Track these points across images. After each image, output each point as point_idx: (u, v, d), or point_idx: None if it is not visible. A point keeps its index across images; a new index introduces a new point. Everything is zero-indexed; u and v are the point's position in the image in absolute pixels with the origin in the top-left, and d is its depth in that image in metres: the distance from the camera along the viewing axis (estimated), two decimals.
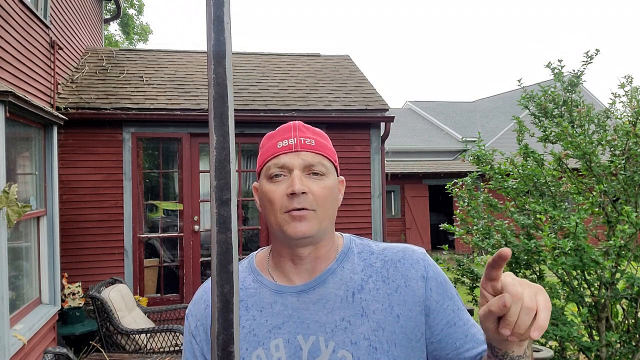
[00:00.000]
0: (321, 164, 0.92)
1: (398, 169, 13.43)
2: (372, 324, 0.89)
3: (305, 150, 0.92)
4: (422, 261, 0.95)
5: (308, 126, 0.98)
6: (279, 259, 0.97)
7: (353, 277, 0.94)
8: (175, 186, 6.43)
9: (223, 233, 0.50)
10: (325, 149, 0.95)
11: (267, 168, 0.93)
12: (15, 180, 3.97)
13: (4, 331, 3.28)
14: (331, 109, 6.27)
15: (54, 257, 4.56)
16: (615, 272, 3.30)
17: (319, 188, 0.90)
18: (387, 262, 0.95)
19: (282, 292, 0.94)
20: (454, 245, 12.46)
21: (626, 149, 3.63)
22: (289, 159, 0.91)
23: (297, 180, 0.88)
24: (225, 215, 0.50)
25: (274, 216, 0.90)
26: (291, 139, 0.93)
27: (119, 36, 18.13)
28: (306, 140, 0.93)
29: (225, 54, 0.49)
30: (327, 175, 0.93)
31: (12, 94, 3.49)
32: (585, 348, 3.27)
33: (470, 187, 4.33)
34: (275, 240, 0.96)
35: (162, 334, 4.37)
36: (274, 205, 0.90)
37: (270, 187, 0.91)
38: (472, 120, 19.93)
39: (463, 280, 4.14)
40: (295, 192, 0.87)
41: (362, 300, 0.91)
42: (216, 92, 0.49)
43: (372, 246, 0.99)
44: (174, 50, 7.70)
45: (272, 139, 0.96)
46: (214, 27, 0.49)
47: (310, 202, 0.89)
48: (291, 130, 0.95)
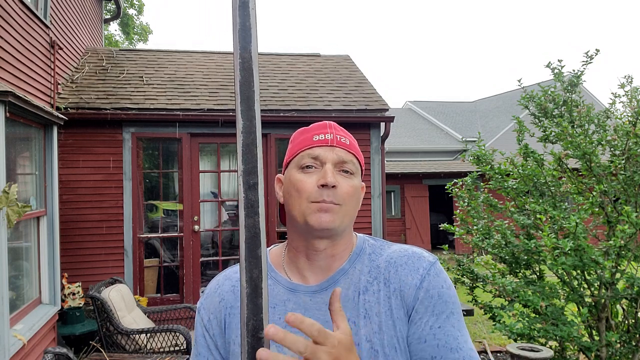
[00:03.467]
0: (352, 163, 0.94)
1: (398, 169, 13.42)
2: (374, 327, 0.89)
3: (340, 147, 0.93)
4: (423, 270, 0.92)
5: (341, 127, 1.00)
6: (294, 254, 0.97)
7: (361, 278, 0.94)
8: (175, 186, 6.43)
9: (251, 217, 0.49)
10: (356, 150, 0.97)
11: (299, 157, 0.94)
12: (15, 180, 3.97)
13: (4, 331, 3.28)
14: (331, 109, 6.27)
15: (54, 257, 4.56)
16: (615, 272, 3.30)
17: (348, 185, 0.91)
18: (390, 265, 0.94)
19: (296, 291, 0.94)
20: (454, 245, 12.46)
21: (626, 149, 3.63)
22: (324, 151, 0.92)
23: (329, 173, 0.89)
24: (253, 200, 0.49)
25: (299, 205, 0.90)
26: (328, 134, 0.94)
27: (119, 36, 18.13)
28: (342, 138, 0.95)
29: (251, 40, 0.49)
30: (355, 175, 0.94)
31: (12, 94, 3.49)
32: (585, 348, 3.27)
33: (470, 187, 4.33)
34: (293, 232, 0.96)
35: (162, 334, 4.36)
36: (301, 194, 0.90)
37: (300, 177, 0.92)
38: (472, 120, 19.92)
39: (463, 280, 4.14)
40: (328, 184, 0.88)
41: (366, 301, 0.91)
42: (242, 77, 0.49)
43: (384, 248, 0.99)
44: (174, 50, 7.70)
45: (306, 133, 0.97)
46: (239, 13, 0.49)
47: (338, 197, 0.89)
48: (327, 127, 0.97)
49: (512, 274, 3.99)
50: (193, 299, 5.95)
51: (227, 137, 6.11)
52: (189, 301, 5.91)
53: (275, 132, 6.17)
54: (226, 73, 7.05)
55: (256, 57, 0.50)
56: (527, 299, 3.23)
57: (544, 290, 3.39)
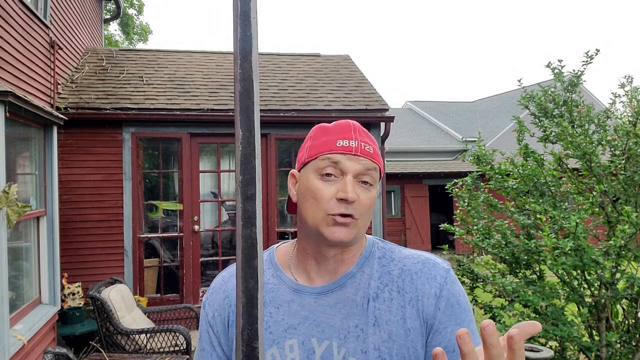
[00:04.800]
0: (373, 173, 0.90)
1: (398, 169, 13.43)
2: (384, 335, 0.87)
3: (363, 157, 0.89)
4: (440, 277, 0.90)
5: (364, 129, 0.95)
6: (303, 255, 0.95)
7: (370, 283, 0.91)
8: (175, 186, 6.43)
9: (248, 228, 0.50)
10: (379, 158, 0.92)
11: (319, 162, 0.89)
12: (15, 180, 3.97)
13: (4, 331, 3.28)
14: (331, 109, 6.27)
15: (53, 257, 4.56)
16: (615, 272, 3.30)
17: (366, 198, 0.88)
18: (405, 272, 0.91)
19: (301, 292, 0.93)
20: (454, 245, 12.46)
21: (626, 149, 3.63)
22: (347, 160, 0.88)
23: (350, 187, 0.86)
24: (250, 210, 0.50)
25: (314, 214, 0.88)
26: (352, 141, 0.90)
27: (118, 36, 18.14)
28: (366, 146, 0.90)
29: (252, 50, 0.49)
30: (374, 186, 0.91)
31: (12, 94, 3.49)
32: (585, 348, 3.27)
33: (470, 187, 4.33)
34: (304, 235, 0.94)
35: (162, 334, 4.36)
36: (319, 204, 0.87)
37: (319, 185, 0.88)
38: (472, 120, 19.93)
39: (463, 281, 4.14)
40: (348, 200, 0.85)
41: (376, 309, 0.89)
42: (242, 87, 0.49)
43: (395, 252, 0.96)
44: (174, 50, 7.70)
45: (329, 134, 0.92)
46: (240, 23, 0.50)
47: (356, 211, 0.87)
48: (351, 131, 0.91)
49: (512, 274, 3.99)
50: (193, 299, 5.95)
51: (227, 137, 6.11)
52: (188, 301, 5.91)
53: (275, 132, 6.16)
54: (226, 73, 7.05)
55: (257, 67, 0.51)
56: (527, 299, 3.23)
57: (544, 290, 3.39)
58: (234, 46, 0.50)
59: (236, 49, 0.50)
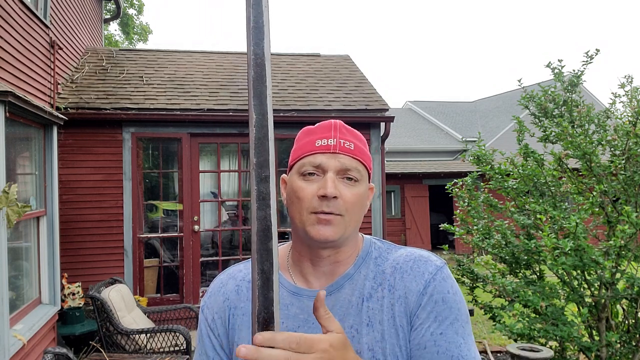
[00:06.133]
0: (356, 170, 0.89)
1: (398, 169, 13.42)
2: (377, 335, 0.86)
3: (343, 154, 0.89)
4: (428, 274, 0.88)
5: (349, 128, 0.94)
6: (298, 258, 0.95)
7: (365, 283, 0.91)
8: (175, 186, 6.43)
9: (263, 210, 0.50)
10: (363, 154, 0.92)
11: (301, 164, 0.90)
12: (15, 180, 3.97)
13: (4, 331, 3.28)
14: (331, 109, 6.27)
15: (53, 257, 4.56)
16: (615, 272, 3.30)
17: (350, 194, 0.88)
18: (396, 270, 0.91)
19: (299, 295, 0.92)
20: (454, 245, 12.46)
21: (626, 149, 3.63)
22: (326, 159, 0.88)
23: (330, 183, 0.85)
24: (265, 192, 0.50)
25: (299, 214, 0.88)
26: (331, 139, 0.90)
27: (118, 36, 18.14)
28: (346, 143, 0.90)
29: (264, 36, 0.49)
30: (360, 181, 0.90)
31: (12, 94, 3.49)
32: (585, 348, 3.27)
33: (470, 187, 4.33)
34: (297, 238, 0.94)
35: (162, 334, 4.36)
36: (302, 204, 0.87)
37: (301, 185, 0.88)
38: (472, 120, 19.92)
39: (463, 281, 4.14)
40: (327, 195, 0.85)
41: (369, 309, 0.88)
42: (255, 72, 0.49)
43: (391, 251, 0.96)
44: (174, 50, 7.70)
45: (310, 135, 0.93)
46: (252, 10, 0.50)
47: (339, 207, 0.86)
48: (331, 130, 0.92)
49: (512, 274, 3.99)
50: (193, 299, 5.95)
51: (227, 137, 6.10)
52: (188, 301, 5.91)
53: (275, 132, 6.10)
54: (226, 73, 7.05)
55: (269, 53, 0.51)
56: (527, 299, 3.23)
57: (544, 290, 3.39)
58: (247, 34, 0.50)
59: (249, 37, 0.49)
